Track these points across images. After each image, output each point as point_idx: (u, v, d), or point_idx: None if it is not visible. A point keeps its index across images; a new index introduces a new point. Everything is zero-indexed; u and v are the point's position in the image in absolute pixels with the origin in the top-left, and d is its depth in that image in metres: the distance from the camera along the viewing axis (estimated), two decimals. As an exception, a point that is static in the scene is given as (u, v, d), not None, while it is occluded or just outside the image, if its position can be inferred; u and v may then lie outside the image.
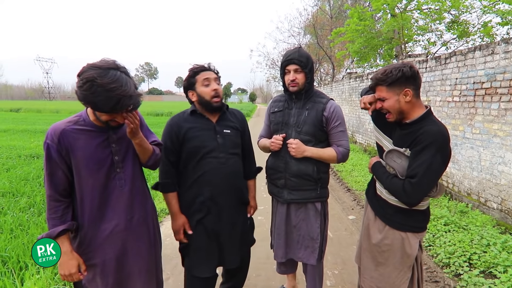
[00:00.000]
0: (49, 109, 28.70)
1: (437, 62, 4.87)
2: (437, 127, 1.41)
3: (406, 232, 1.51)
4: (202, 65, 1.77)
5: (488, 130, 3.76)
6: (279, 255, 2.02)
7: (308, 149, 1.84)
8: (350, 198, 4.82)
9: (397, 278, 1.55)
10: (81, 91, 1.20)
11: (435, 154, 1.36)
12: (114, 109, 1.24)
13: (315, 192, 1.90)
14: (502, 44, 3.52)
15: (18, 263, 2.59)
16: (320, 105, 1.88)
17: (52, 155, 1.32)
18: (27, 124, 14.77)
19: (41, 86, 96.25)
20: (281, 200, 1.95)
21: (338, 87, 11.78)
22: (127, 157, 1.47)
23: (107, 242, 1.42)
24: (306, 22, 22.66)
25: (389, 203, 1.53)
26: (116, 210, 1.43)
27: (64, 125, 1.35)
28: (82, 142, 1.35)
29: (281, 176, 1.92)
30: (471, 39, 9.92)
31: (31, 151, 7.08)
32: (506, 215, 3.47)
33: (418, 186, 1.37)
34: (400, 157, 1.48)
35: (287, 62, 1.83)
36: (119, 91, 1.21)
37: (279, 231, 1.99)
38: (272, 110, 2.00)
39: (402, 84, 1.44)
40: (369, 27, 10.13)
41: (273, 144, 1.89)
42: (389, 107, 1.49)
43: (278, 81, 30.90)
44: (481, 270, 2.60)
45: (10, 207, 3.67)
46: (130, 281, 1.49)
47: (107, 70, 1.21)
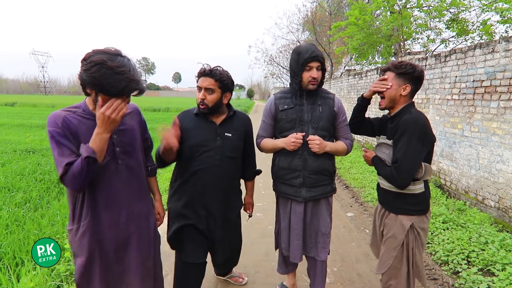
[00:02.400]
0: (45, 104, 28.43)
1: (436, 60, 4.86)
2: (411, 115, 1.58)
3: (400, 214, 1.68)
4: (203, 70, 1.79)
5: (487, 128, 3.76)
6: (298, 256, 1.97)
7: (328, 144, 1.87)
8: (348, 195, 4.83)
9: (385, 254, 1.73)
10: (89, 74, 1.20)
11: (409, 138, 1.54)
12: (122, 92, 1.24)
13: (331, 186, 1.96)
14: (502, 42, 3.51)
15: (14, 259, 2.55)
16: (330, 101, 1.91)
17: (58, 140, 1.26)
18: (22, 119, 14.62)
19: (37, 80, 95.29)
20: (299, 199, 1.90)
21: (336, 84, 11.76)
22: (129, 150, 1.46)
23: (108, 233, 1.41)
24: (304, 18, 22.57)
25: (388, 190, 1.71)
26: (117, 202, 1.42)
27: (63, 113, 1.32)
28: (85, 129, 1.32)
29: (299, 174, 1.88)
30: (470, 37, 9.93)
31: (27, 146, 7.00)
32: (503, 213, 3.49)
33: (402, 168, 1.55)
34: (388, 149, 1.69)
35: (312, 58, 1.76)
36: (128, 74, 1.23)
37: (297, 231, 1.94)
38: (282, 107, 1.91)
39: (407, 80, 1.63)
40: (369, 23, 10.09)
41: (295, 144, 1.83)
42: (388, 93, 1.66)
43: (276, 78, 30.81)
44: (479, 268, 2.61)
45: (5, 202, 3.62)
46: (127, 275, 1.48)
47: (115, 55, 1.24)
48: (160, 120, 14.99)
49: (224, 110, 1.90)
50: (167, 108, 24.41)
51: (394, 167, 1.57)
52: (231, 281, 2.43)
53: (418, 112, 1.63)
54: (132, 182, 1.47)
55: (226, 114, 1.90)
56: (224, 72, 1.81)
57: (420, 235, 1.67)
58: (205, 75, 1.78)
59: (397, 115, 1.66)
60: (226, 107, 1.92)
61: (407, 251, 1.67)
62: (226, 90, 1.82)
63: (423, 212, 1.67)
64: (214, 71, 1.78)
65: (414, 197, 1.65)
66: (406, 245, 1.66)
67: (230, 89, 1.85)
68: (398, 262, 1.69)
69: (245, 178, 2.13)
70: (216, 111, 1.84)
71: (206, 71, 1.78)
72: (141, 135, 1.59)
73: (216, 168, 1.84)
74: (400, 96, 1.64)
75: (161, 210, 1.80)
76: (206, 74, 1.77)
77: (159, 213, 1.78)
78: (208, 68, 1.80)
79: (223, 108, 1.88)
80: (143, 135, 1.62)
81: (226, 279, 2.44)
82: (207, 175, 1.83)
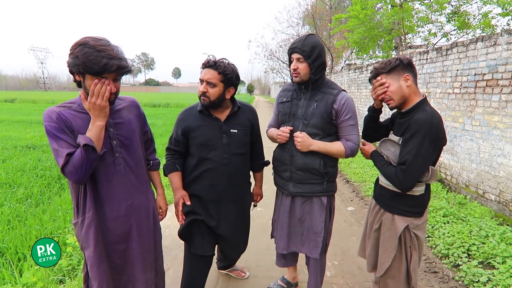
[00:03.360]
0: (45, 100, 28.36)
1: (438, 53, 4.82)
2: (426, 115, 1.48)
3: (396, 214, 1.62)
4: (207, 61, 1.74)
5: (488, 122, 3.75)
6: (281, 246, 1.99)
7: (315, 143, 1.76)
8: (349, 189, 4.83)
9: (382, 255, 1.67)
10: (73, 56, 1.24)
11: (422, 141, 1.44)
12: (103, 69, 1.25)
13: (321, 186, 1.84)
14: (504, 35, 3.48)
15: (16, 254, 2.57)
16: (330, 97, 1.78)
17: (55, 134, 1.28)
18: (22, 115, 14.60)
19: (36, 76, 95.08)
20: (286, 192, 1.90)
21: (337, 79, 11.70)
22: (127, 143, 1.46)
23: (110, 225, 1.42)
24: (305, 12, 22.40)
25: (387, 189, 1.65)
26: (116, 195, 1.43)
27: (58, 108, 1.34)
28: (80, 122, 1.33)
29: (287, 168, 1.86)
30: (472, 30, 9.85)
31: (27, 142, 7.00)
32: (504, 207, 3.49)
33: (409, 172, 1.46)
34: (393, 146, 1.59)
35: (291, 50, 1.76)
36: (110, 52, 1.26)
37: (282, 223, 1.96)
38: (281, 100, 1.91)
39: (401, 71, 1.54)
40: (370, 17, 10.01)
41: (280, 136, 1.83)
42: (393, 92, 1.55)
43: (276, 73, 30.69)
44: (480, 261, 2.62)
45: (7, 198, 3.64)
46: (129, 267, 1.50)
47: (100, 39, 1.28)
48: (160, 116, 14.97)
49: (227, 105, 1.83)
50: (167, 104, 24.35)
51: (401, 169, 1.48)
52: (232, 275, 2.44)
53: (433, 111, 1.52)
54: (131, 175, 1.47)
55: (230, 109, 1.83)
56: (230, 66, 1.73)
57: (417, 236, 1.62)
58: (209, 67, 1.70)
59: (409, 111, 1.55)
60: (230, 101, 1.85)
61: (405, 250, 1.63)
62: (229, 84, 1.74)
63: (419, 214, 1.60)
64: (218, 63, 1.70)
65: (413, 199, 1.58)
66: (404, 244, 1.62)
67: (234, 84, 1.77)
68: (397, 262, 1.64)
69: (254, 170, 2.11)
70: (219, 105, 1.77)
71: (210, 62, 1.71)
72: (141, 128, 1.59)
73: (224, 167, 1.80)
74: (407, 88, 1.53)
75: (163, 205, 1.76)
76: (210, 65, 1.70)
77: (160, 207, 1.75)
78: (213, 60, 1.72)
79: (226, 103, 1.81)
80: (142, 128, 1.61)
81: (228, 273, 2.45)
82: (216, 174, 1.80)
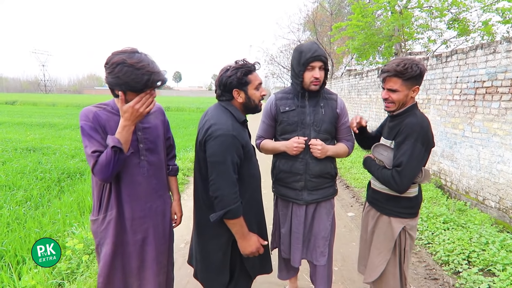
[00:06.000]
0: (45, 102, 28.42)
1: (438, 60, 4.86)
2: (417, 119, 1.55)
3: (392, 216, 1.65)
4: (254, 64, 1.56)
5: (488, 129, 3.76)
6: (297, 260, 1.91)
7: (330, 148, 1.81)
8: (349, 195, 4.83)
9: (376, 258, 1.69)
10: (113, 75, 1.28)
11: (415, 142, 1.50)
12: (146, 86, 1.31)
13: (333, 188, 1.92)
14: (504, 43, 3.51)
15: (15, 257, 2.56)
16: (333, 102, 1.83)
17: (89, 133, 1.35)
18: (23, 117, 14.62)
19: (37, 79, 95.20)
20: (300, 202, 1.86)
21: (337, 84, 11.75)
22: (152, 147, 1.52)
23: (128, 226, 1.45)
24: (305, 18, 22.54)
25: (382, 193, 1.68)
26: (138, 196, 1.47)
27: (94, 108, 1.41)
28: (113, 124, 1.39)
29: (300, 178, 1.83)
30: (471, 37, 9.91)
31: (27, 144, 7.00)
32: (504, 214, 3.49)
33: (404, 173, 1.51)
34: (386, 150, 1.64)
35: (314, 58, 1.66)
36: (148, 68, 1.30)
37: (298, 235, 1.89)
38: (283, 109, 1.82)
39: (415, 81, 1.56)
40: (370, 24, 10.08)
41: (296, 149, 1.74)
42: (397, 99, 1.58)
43: (277, 78, 30.74)
44: (480, 268, 2.61)
45: (6, 201, 3.63)
46: (143, 269, 1.52)
47: (132, 53, 1.31)
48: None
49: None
50: (168, 107, 24.41)
51: (397, 171, 1.53)
52: None
53: (422, 115, 1.60)
54: (152, 178, 1.52)
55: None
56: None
57: (411, 236, 1.65)
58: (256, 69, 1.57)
59: (400, 114, 1.62)
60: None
61: (399, 253, 1.65)
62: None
63: (414, 215, 1.66)
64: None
65: (408, 200, 1.63)
66: (399, 247, 1.64)
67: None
68: (392, 266, 1.65)
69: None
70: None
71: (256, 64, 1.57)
72: (164, 134, 1.65)
73: (259, 173, 1.69)
74: (410, 98, 1.60)
75: (178, 210, 1.75)
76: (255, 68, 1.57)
77: (175, 213, 1.75)
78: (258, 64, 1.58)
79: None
80: (165, 134, 1.68)
81: None
82: (258, 181, 1.65)
